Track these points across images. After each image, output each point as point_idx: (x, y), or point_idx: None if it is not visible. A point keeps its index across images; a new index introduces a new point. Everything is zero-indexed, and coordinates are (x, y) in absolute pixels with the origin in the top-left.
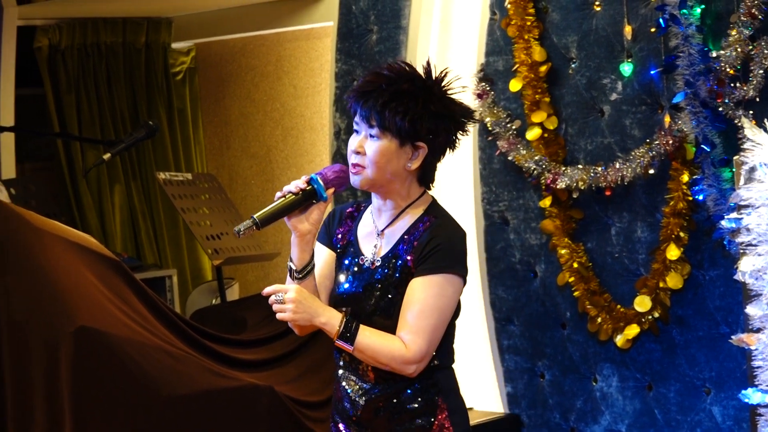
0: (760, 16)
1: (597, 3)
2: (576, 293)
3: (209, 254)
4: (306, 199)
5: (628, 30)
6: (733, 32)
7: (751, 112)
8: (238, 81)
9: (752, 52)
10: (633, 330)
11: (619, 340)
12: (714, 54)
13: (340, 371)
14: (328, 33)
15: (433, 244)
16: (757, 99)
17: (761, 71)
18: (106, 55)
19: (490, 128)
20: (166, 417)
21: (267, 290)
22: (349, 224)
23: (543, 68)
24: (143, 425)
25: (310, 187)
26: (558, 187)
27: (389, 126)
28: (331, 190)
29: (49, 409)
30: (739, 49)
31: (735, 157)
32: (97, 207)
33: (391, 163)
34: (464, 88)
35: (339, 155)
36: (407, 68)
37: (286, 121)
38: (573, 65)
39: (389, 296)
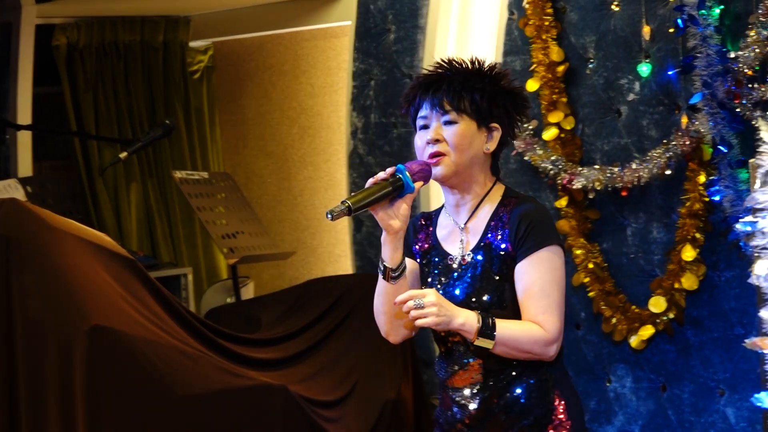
0: None
1: (615, 3)
2: (591, 294)
3: (224, 253)
4: (395, 187)
5: (646, 30)
6: (752, 33)
7: None
8: (255, 80)
9: None
10: (647, 331)
11: (634, 340)
12: (732, 55)
13: (445, 379)
14: (345, 32)
15: (525, 224)
16: None
17: None
18: (124, 53)
19: None
20: (180, 416)
21: (401, 297)
22: (425, 231)
23: (560, 68)
24: (157, 424)
25: (398, 176)
26: (574, 187)
27: (466, 107)
28: (420, 183)
29: (63, 407)
30: (757, 50)
31: (751, 160)
32: (114, 205)
33: (472, 146)
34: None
35: (356, 154)
36: (461, 59)
37: (303, 120)
38: (590, 65)
39: (496, 287)
